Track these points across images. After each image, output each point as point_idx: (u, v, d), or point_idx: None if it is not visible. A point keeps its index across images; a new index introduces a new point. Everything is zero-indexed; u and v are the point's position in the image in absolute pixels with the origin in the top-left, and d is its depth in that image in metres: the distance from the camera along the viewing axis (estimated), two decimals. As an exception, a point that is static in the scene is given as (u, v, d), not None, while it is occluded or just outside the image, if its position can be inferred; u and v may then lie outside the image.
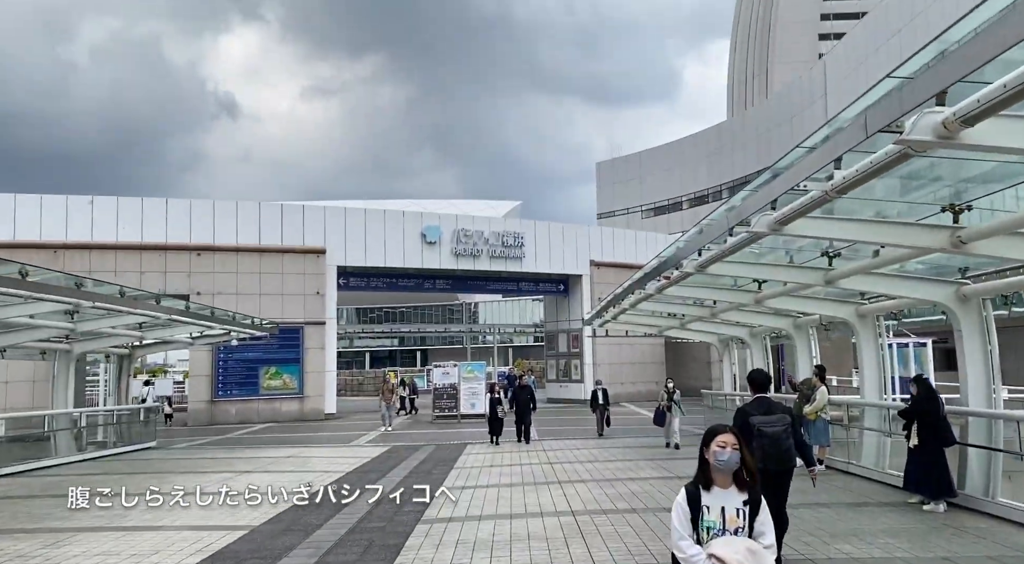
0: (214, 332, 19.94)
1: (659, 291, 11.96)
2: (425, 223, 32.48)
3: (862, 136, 4.55)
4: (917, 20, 42.39)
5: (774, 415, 6.55)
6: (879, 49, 47.24)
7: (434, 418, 27.33)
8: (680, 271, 10.26)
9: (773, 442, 6.34)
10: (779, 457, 6.36)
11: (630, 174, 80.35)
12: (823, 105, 55.29)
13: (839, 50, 56.32)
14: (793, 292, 11.72)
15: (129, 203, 28.39)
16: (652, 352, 37.93)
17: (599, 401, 19.66)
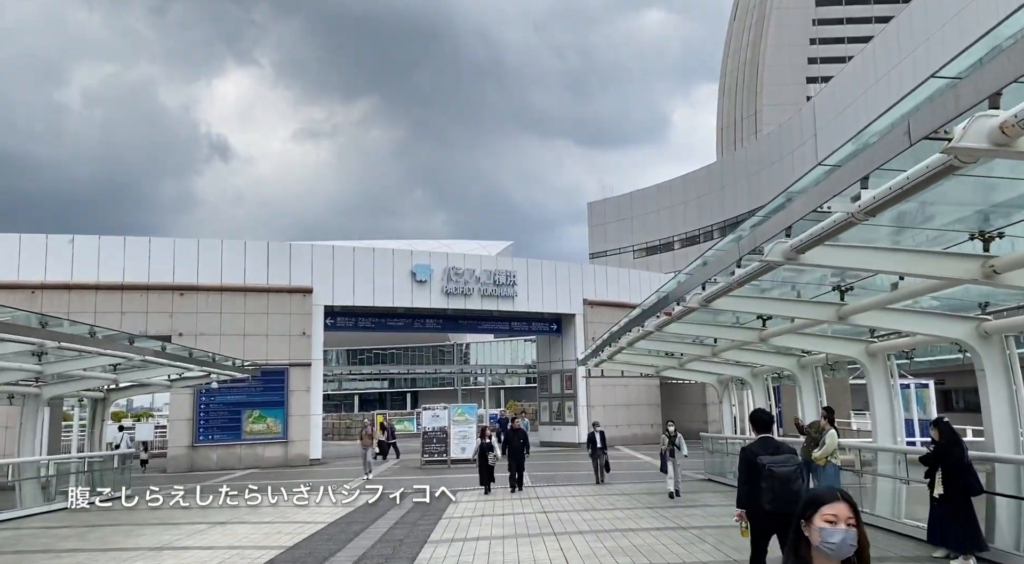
0: (193, 374, 19.15)
1: (659, 328, 11.33)
2: (415, 261, 31.89)
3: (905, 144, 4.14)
4: (904, 63, 42.77)
5: (782, 455, 6.36)
6: (867, 91, 47.64)
7: (423, 463, 26.36)
8: (683, 306, 9.66)
9: (783, 483, 6.11)
10: (789, 498, 6.03)
11: (621, 214, 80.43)
12: (813, 145, 55.63)
13: (828, 92, 56.87)
14: (800, 329, 11.12)
15: (110, 242, 27.72)
16: (647, 393, 37.13)
17: (597, 445, 18.56)
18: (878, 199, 4.80)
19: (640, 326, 12.16)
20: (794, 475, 6.21)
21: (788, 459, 6.34)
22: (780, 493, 6.10)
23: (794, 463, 6.33)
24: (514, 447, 17.45)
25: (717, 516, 10.21)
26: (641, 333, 12.41)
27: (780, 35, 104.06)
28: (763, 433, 6.72)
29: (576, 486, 18.58)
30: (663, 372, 19.40)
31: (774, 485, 6.12)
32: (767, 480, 6.16)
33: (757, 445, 6.58)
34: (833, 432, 11.64)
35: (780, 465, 6.20)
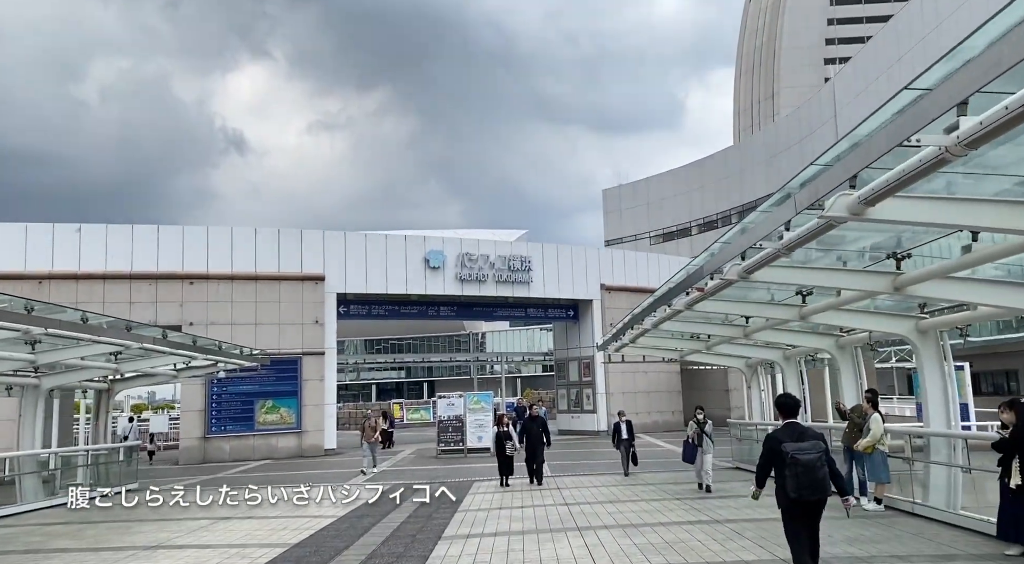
0: (199, 364, 18.49)
1: (689, 306, 10.45)
2: (428, 248, 31.10)
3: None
4: (928, 39, 41.31)
5: (807, 441, 6.22)
6: (890, 68, 46.20)
7: (439, 453, 25.65)
8: (719, 279, 8.76)
9: (807, 470, 6.04)
10: (814, 486, 6.07)
11: (637, 201, 79.17)
12: (833, 126, 54.19)
13: (848, 71, 55.34)
14: (844, 305, 10.20)
15: (118, 231, 27.14)
16: (668, 380, 36.23)
17: (623, 435, 17.06)
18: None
19: (667, 305, 11.26)
20: (819, 462, 6.09)
21: (813, 446, 6.19)
22: (805, 481, 6.02)
23: (819, 450, 6.18)
24: (532, 436, 16.18)
25: (752, 507, 9.35)
26: (668, 313, 11.52)
27: (797, 16, 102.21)
28: (789, 418, 6.55)
29: (598, 476, 17.77)
30: (688, 356, 18.46)
31: (798, 473, 6.03)
32: (791, 467, 6.07)
33: (782, 431, 6.45)
34: (878, 417, 10.73)
35: (804, 452, 6.08)
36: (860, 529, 9.60)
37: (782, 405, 6.72)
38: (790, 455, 6.10)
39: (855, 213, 5.80)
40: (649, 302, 12.70)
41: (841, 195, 5.79)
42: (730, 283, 8.81)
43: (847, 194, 5.71)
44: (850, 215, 5.87)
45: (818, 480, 6.05)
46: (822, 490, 6.14)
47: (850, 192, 5.65)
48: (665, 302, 11.35)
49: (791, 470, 6.08)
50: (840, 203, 5.87)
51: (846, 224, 6.38)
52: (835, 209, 5.95)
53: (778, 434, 6.44)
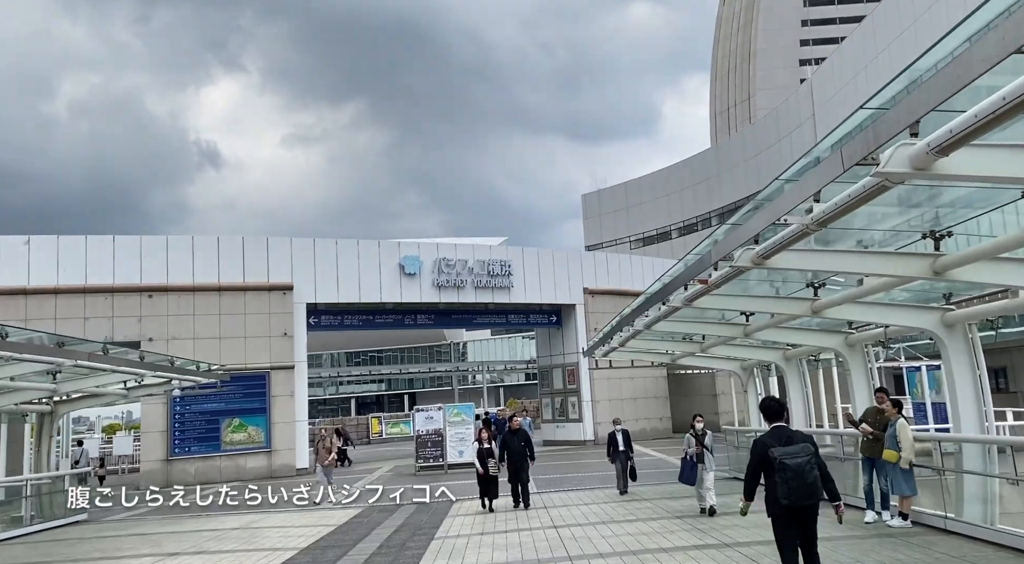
0: (151, 381, 17.02)
1: (689, 302, 9.22)
2: (403, 253, 29.74)
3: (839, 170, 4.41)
4: (905, 35, 40.71)
5: (796, 445, 6.04)
6: (867, 66, 45.63)
7: (417, 469, 24.22)
8: (730, 266, 7.51)
9: (797, 475, 5.86)
10: (805, 491, 5.89)
11: (616, 205, 78.28)
12: (811, 126, 53.62)
13: (825, 70, 54.81)
14: (861, 297, 9.02)
15: (70, 242, 25.52)
16: (655, 385, 35.07)
17: (619, 446, 14.87)
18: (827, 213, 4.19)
19: (661, 303, 10.03)
20: (808, 466, 5.90)
21: (802, 449, 6.01)
22: (795, 486, 5.85)
23: (808, 453, 5.99)
24: (515, 452, 14.04)
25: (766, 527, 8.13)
26: (663, 311, 10.30)
27: (771, 18, 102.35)
28: (775, 422, 6.37)
29: (588, 491, 16.49)
30: (680, 360, 17.27)
31: (788, 478, 5.85)
32: (781, 473, 5.88)
33: (769, 436, 6.24)
34: (904, 422, 9.55)
35: (793, 456, 5.91)
36: (891, 552, 8.40)
37: (766, 409, 6.50)
38: (778, 460, 5.90)
39: (920, 167, 4.62)
40: (640, 301, 11.48)
41: (901, 145, 4.65)
42: (741, 271, 7.58)
43: (908, 143, 4.58)
44: (914, 169, 4.70)
45: (809, 484, 5.87)
46: (814, 495, 5.94)
47: (912, 141, 4.52)
48: (659, 300, 10.13)
49: (781, 476, 5.89)
50: (900, 155, 4.69)
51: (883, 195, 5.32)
52: (894, 163, 4.75)
53: (765, 439, 6.20)
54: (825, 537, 6.80)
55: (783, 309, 10.12)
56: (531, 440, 14.79)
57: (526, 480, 14.35)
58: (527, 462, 14.21)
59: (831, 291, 9.55)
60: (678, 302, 9.44)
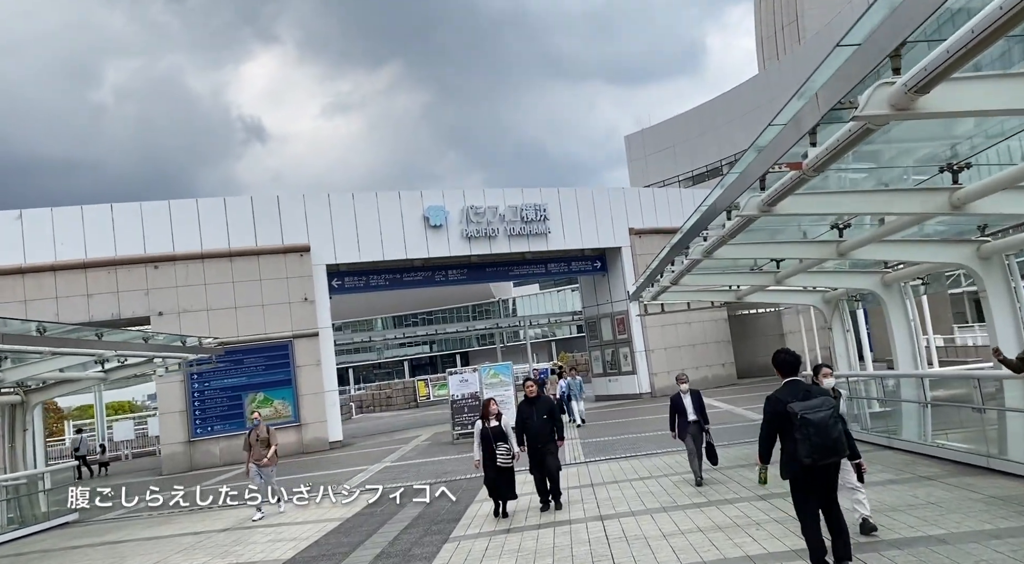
0: (136, 361, 14.89)
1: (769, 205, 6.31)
2: (427, 203, 27.11)
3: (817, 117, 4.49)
4: None
5: (815, 399, 5.56)
6: None
7: (455, 437, 21.92)
8: (835, 142, 4.73)
9: (820, 430, 5.41)
10: (829, 447, 5.42)
11: (662, 144, 74.01)
12: (870, 39, 48.75)
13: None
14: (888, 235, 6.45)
15: (66, 214, 23.57)
16: (715, 329, 32.04)
17: (689, 416, 10.48)
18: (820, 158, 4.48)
19: (731, 209, 7.14)
20: (831, 420, 5.46)
21: (823, 403, 5.53)
22: (818, 443, 5.41)
23: (830, 406, 5.53)
24: (533, 430, 9.91)
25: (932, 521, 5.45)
26: (733, 225, 7.40)
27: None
28: (789, 376, 5.90)
29: (645, 459, 13.84)
30: (747, 296, 14.25)
31: (810, 434, 5.40)
32: (802, 429, 5.42)
33: (784, 391, 5.77)
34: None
35: (815, 410, 5.45)
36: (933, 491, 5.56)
37: (783, 362, 6.00)
38: (799, 415, 5.47)
39: (901, 107, 4.37)
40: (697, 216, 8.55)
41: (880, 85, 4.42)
42: (862, 136, 4.72)
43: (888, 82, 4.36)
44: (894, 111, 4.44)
45: (834, 439, 5.44)
46: (838, 451, 5.52)
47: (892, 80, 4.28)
48: (724, 207, 7.23)
49: (802, 432, 5.43)
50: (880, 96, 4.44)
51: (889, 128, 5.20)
52: (873, 106, 4.50)
53: (780, 394, 5.79)
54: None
55: (910, 208, 7.12)
56: (556, 411, 10.39)
57: (555, 469, 10.02)
58: (553, 444, 10.04)
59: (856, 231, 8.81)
60: (752, 209, 6.58)
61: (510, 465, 9.88)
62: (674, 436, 10.79)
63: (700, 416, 10.53)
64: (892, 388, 11.72)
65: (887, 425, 12.07)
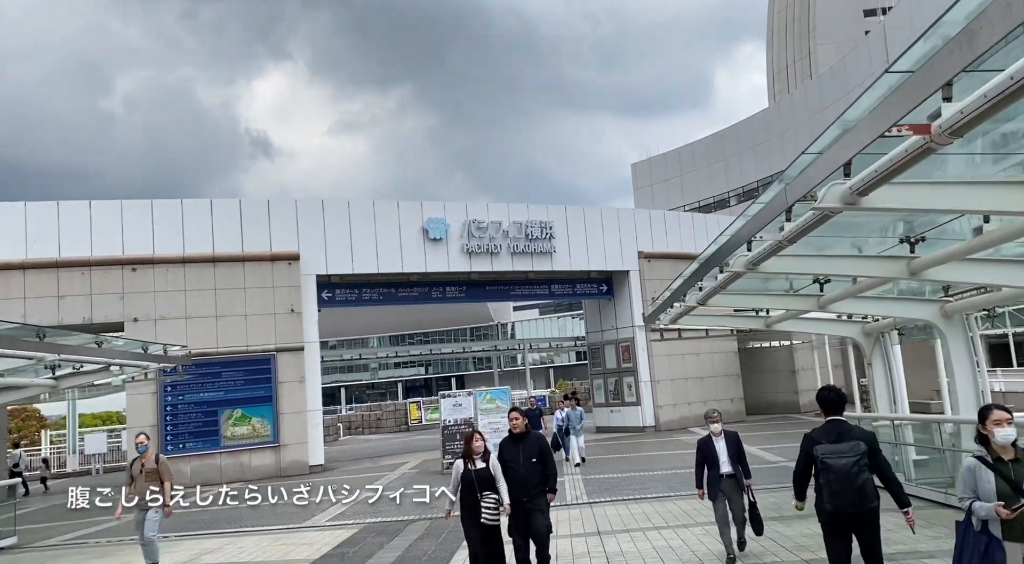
0: (92, 368, 13.31)
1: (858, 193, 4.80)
2: (427, 215, 25.63)
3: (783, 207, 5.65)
4: None
5: (844, 443, 5.39)
6: None
7: (445, 467, 20.21)
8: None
9: (840, 477, 5.25)
10: (848, 495, 5.24)
11: (668, 173, 72.83)
12: (886, 73, 47.61)
13: (901, 9, 48.43)
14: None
15: (41, 209, 22.09)
16: (724, 362, 30.40)
17: (722, 468, 8.13)
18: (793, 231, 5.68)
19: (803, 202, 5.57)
20: (855, 468, 5.25)
21: (852, 448, 5.34)
22: (838, 490, 5.24)
23: (857, 452, 5.31)
24: (516, 477, 7.52)
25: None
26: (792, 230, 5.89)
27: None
28: (831, 415, 5.67)
29: (656, 502, 12.21)
30: (778, 324, 12.65)
31: (830, 480, 5.29)
32: (823, 474, 5.35)
33: (821, 430, 5.63)
34: None
35: (838, 456, 5.30)
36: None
37: (824, 399, 5.73)
38: (820, 459, 5.35)
39: (849, 203, 5.18)
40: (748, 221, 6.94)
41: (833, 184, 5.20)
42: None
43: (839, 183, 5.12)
44: (843, 205, 5.27)
45: (855, 489, 5.22)
46: (861, 501, 5.23)
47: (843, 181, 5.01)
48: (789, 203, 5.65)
49: (824, 477, 5.33)
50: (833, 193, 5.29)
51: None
52: (828, 199, 5.34)
53: (815, 433, 5.62)
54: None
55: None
56: (549, 454, 7.87)
57: (545, 531, 7.49)
58: (543, 496, 7.58)
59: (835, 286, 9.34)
60: (834, 201, 5.08)
61: (497, 522, 7.44)
62: (702, 495, 8.25)
63: (738, 467, 8.13)
64: (950, 436, 10.15)
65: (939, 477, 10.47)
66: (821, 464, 5.35)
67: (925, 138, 3.60)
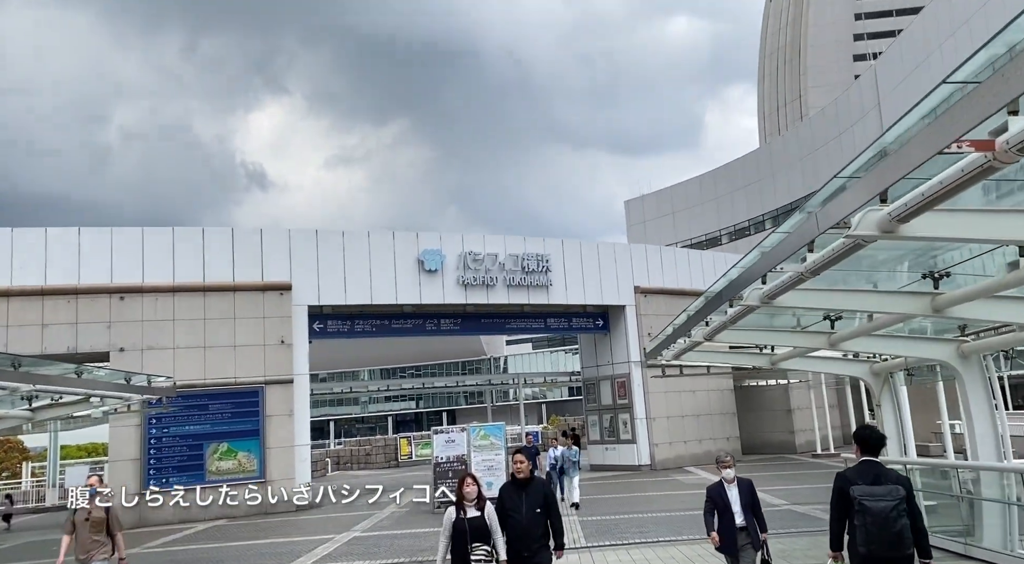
0: (71, 399, 12.80)
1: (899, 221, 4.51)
2: (422, 246, 25.31)
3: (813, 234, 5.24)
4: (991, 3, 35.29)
5: (883, 486, 5.17)
6: (941, 46, 40.23)
7: (436, 505, 19.59)
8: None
9: (879, 521, 5.04)
10: (886, 540, 5.03)
11: (661, 210, 73.13)
12: (877, 116, 48.09)
13: (892, 54, 49.06)
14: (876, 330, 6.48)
15: (28, 235, 21.66)
16: (720, 400, 29.97)
17: (736, 519, 7.30)
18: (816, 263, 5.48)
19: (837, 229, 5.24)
20: (894, 512, 5.04)
21: (890, 491, 5.12)
22: (876, 534, 5.02)
23: (896, 496, 5.09)
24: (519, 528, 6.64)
25: None
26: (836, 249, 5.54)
27: (822, 11, 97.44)
28: (867, 455, 5.45)
29: (658, 547, 11.71)
30: (784, 361, 12.30)
31: (867, 523, 5.06)
32: (859, 516, 5.11)
33: (855, 470, 5.41)
34: None
35: (877, 498, 5.08)
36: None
37: (866, 439, 5.50)
38: (858, 500, 5.10)
39: (886, 230, 4.93)
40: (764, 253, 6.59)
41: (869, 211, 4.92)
42: None
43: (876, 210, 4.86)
44: (880, 233, 5.01)
45: (893, 534, 5.00)
46: (898, 547, 5.01)
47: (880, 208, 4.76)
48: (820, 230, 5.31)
49: (860, 519, 5.09)
50: (869, 220, 5.01)
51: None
52: (863, 227, 5.05)
53: (849, 473, 5.41)
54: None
55: None
56: (555, 504, 6.98)
57: None
58: (548, 551, 6.71)
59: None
60: (869, 229, 4.76)
61: None
62: (716, 541, 7.30)
63: (752, 519, 7.26)
64: (968, 482, 9.75)
65: (955, 525, 10.04)
66: (858, 506, 5.13)
67: (987, 156, 3.31)
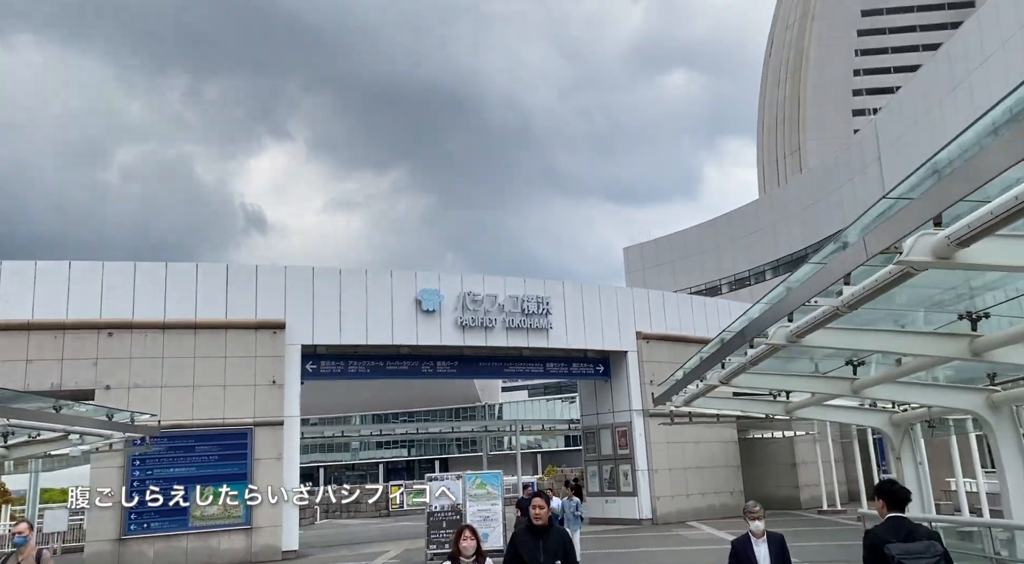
0: (49, 436, 12.10)
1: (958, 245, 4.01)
2: (420, 286, 24.79)
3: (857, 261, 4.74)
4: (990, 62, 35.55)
5: (919, 542, 4.90)
6: (941, 101, 40.45)
7: (430, 557, 18.69)
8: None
9: None
10: None
11: (660, 259, 72.92)
12: (877, 169, 48.17)
13: (893, 108, 49.40)
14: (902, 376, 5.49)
15: (15, 269, 21.12)
16: (724, 452, 29.12)
17: None
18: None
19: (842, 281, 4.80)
20: None
21: (927, 548, 4.88)
22: None
23: (935, 553, 4.86)
24: None
25: None
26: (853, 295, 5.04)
27: (822, 68, 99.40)
28: (894, 512, 5.23)
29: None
30: (799, 409, 11.67)
31: None
32: None
33: (885, 527, 5.15)
34: None
35: (916, 556, 4.82)
36: None
37: (893, 494, 5.27)
38: (896, 559, 4.79)
39: (942, 257, 4.43)
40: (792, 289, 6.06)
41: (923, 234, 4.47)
42: None
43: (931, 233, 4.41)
44: (935, 259, 4.50)
45: None
46: None
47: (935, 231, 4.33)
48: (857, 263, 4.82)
49: None
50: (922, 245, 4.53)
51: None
52: (916, 252, 4.56)
53: (879, 531, 5.12)
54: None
55: None
56: (574, 553, 6.22)
57: None
58: None
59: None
60: (923, 254, 4.27)
61: None
62: None
63: None
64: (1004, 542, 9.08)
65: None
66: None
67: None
